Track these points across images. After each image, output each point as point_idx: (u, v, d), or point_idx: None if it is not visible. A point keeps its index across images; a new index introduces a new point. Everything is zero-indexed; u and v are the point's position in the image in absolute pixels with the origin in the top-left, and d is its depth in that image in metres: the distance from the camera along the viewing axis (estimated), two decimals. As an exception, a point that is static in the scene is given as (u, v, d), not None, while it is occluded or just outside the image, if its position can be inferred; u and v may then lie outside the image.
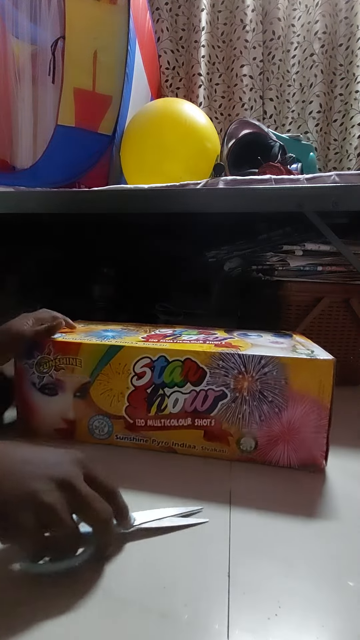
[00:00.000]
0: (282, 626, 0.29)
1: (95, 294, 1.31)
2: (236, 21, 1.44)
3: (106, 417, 0.54)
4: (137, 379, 0.52)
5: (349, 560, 0.36)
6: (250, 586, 0.32)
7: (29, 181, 1.08)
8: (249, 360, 0.49)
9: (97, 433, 0.55)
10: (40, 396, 0.55)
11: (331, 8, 1.39)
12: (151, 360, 0.52)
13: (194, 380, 0.51)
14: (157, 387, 0.52)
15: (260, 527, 0.39)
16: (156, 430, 0.53)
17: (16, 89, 1.18)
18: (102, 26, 1.07)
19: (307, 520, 0.41)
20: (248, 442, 0.51)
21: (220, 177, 0.92)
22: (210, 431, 0.52)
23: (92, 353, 0.53)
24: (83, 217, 0.90)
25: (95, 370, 0.53)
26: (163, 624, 0.29)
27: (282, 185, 0.80)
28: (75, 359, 0.53)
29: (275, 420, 0.50)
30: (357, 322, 0.84)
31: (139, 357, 0.52)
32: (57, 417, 0.55)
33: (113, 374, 0.53)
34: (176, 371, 0.51)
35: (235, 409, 0.51)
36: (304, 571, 0.34)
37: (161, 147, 1.06)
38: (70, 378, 0.54)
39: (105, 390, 0.53)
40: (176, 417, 0.52)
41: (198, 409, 0.51)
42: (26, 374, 0.55)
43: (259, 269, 0.93)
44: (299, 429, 0.50)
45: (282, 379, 0.49)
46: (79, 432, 0.55)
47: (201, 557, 0.35)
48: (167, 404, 0.52)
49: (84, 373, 0.53)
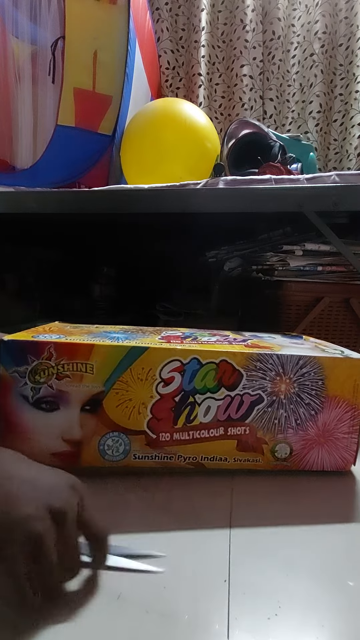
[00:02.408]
0: (282, 626, 0.29)
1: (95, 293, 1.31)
2: (236, 21, 1.44)
3: (122, 434, 0.45)
4: (163, 385, 0.45)
5: (349, 560, 0.36)
6: (250, 586, 0.32)
7: (29, 181, 1.08)
8: (288, 361, 0.46)
9: (110, 454, 0.46)
10: (33, 413, 0.44)
11: (331, 8, 1.39)
12: (182, 363, 0.45)
13: (228, 385, 0.46)
14: (187, 394, 0.45)
15: (260, 527, 0.40)
16: (183, 445, 0.46)
17: (16, 89, 1.19)
18: (102, 26, 1.07)
19: (307, 520, 0.41)
20: (283, 448, 0.48)
21: (220, 177, 0.92)
22: (244, 440, 0.47)
23: (108, 356, 0.44)
24: (83, 217, 0.90)
25: (111, 378, 0.44)
26: (163, 624, 0.29)
27: (282, 185, 0.80)
28: (86, 365, 0.44)
29: (311, 423, 0.47)
30: (357, 322, 0.84)
31: (168, 360, 0.44)
32: (56, 438, 0.45)
33: (134, 381, 0.44)
34: (209, 375, 0.45)
35: (272, 414, 0.47)
36: (304, 571, 0.34)
37: (161, 147, 1.06)
38: (77, 388, 0.44)
39: (123, 401, 0.45)
40: (207, 427, 0.46)
41: (232, 416, 0.46)
42: (13, 386, 0.44)
43: (259, 269, 0.93)
44: (333, 431, 0.48)
45: (319, 380, 0.47)
46: (86, 455, 0.45)
47: (201, 556, 0.35)
48: (197, 413, 0.46)
49: (95, 381, 0.44)
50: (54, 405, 0.44)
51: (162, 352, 0.45)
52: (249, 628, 0.29)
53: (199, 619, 0.29)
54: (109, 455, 0.46)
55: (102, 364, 0.44)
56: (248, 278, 0.99)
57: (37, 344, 0.44)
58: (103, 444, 0.45)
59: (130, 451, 0.46)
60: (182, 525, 0.39)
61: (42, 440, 0.45)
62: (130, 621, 0.29)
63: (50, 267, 1.27)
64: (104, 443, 0.45)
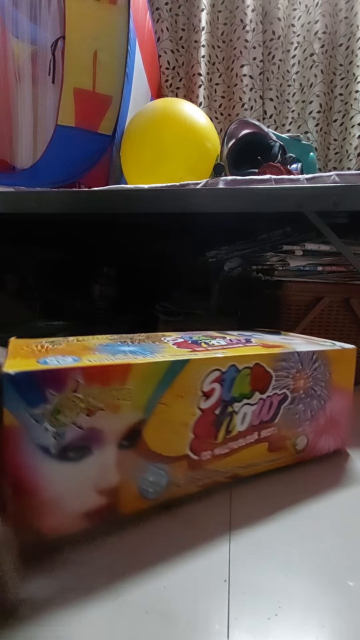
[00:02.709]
0: (282, 626, 0.29)
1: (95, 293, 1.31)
2: (236, 21, 1.44)
3: (164, 464, 0.39)
4: (204, 400, 0.41)
5: (349, 560, 0.36)
6: (250, 586, 0.32)
7: (29, 181, 1.08)
8: (305, 357, 0.48)
9: (151, 492, 0.39)
10: (57, 467, 0.33)
11: (331, 8, 1.39)
12: (221, 372, 0.42)
13: (260, 388, 0.45)
14: (226, 404, 0.43)
15: (260, 527, 0.40)
16: (222, 459, 0.43)
17: (16, 89, 1.19)
18: (102, 26, 1.07)
19: (307, 520, 0.41)
20: (302, 441, 0.50)
21: (220, 177, 0.92)
22: (273, 441, 0.47)
23: (147, 376, 0.37)
24: (83, 217, 0.90)
25: (151, 401, 0.38)
26: (163, 624, 0.29)
27: (282, 185, 0.80)
28: (122, 390, 0.36)
29: (321, 413, 0.51)
30: (357, 322, 0.84)
31: (209, 370, 0.41)
32: (88, 493, 0.35)
33: (174, 400, 0.39)
34: (245, 381, 0.44)
35: (294, 410, 0.48)
36: (304, 571, 0.34)
37: (161, 147, 1.06)
38: (112, 421, 0.36)
39: (164, 425, 0.39)
40: (243, 435, 0.44)
41: (264, 419, 0.46)
42: (26, 436, 0.32)
43: (259, 269, 0.93)
44: (336, 416, 0.52)
45: (327, 372, 0.50)
46: (125, 502, 0.37)
47: (201, 556, 0.35)
48: (235, 423, 0.43)
49: (134, 408, 0.37)
50: (84, 451, 0.35)
51: (203, 363, 0.41)
52: (249, 628, 0.29)
53: (198, 619, 0.29)
54: (150, 494, 0.39)
55: (140, 386, 0.37)
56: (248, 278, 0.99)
57: (60, 372, 0.33)
58: (143, 482, 0.38)
59: (172, 481, 0.40)
60: (182, 525, 0.39)
61: (69, 502, 0.34)
62: (130, 621, 0.29)
63: (50, 267, 1.27)
64: (145, 480, 0.38)
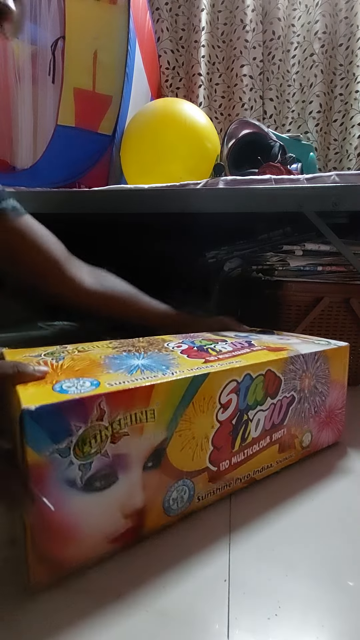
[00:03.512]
0: (282, 626, 0.29)
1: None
2: (236, 21, 1.44)
3: (187, 480, 0.39)
4: (222, 411, 0.41)
5: (349, 560, 0.36)
6: (250, 586, 0.32)
7: (29, 181, 1.08)
8: (309, 359, 0.50)
9: (175, 507, 0.38)
10: (83, 499, 0.31)
11: (331, 8, 1.40)
12: (237, 382, 0.41)
13: (272, 393, 0.46)
14: (242, 413, 0.43)
15: (260, 527, 0.40)
16: (239, 466, 0.44)
17: (16, 89, 1.19)
18: (102, 26, 1.07)
19: (307, 520, 0.41)
20: (307, 437, 0.52)
21: (220, 177, 0.92)
22: (283, 442, 0.48)
23: (170, 394, 0.36)
24: (83, 217, 0.90)
25: (174, 418, 0.37)
26: (163, 624, 0.29)
27: (282, 185, 0.80)
28: (146, 411, 0.34)
29: (322, 408, 0.53)
30: (357, 322, 0.84)
31: (227, 381, 0.41)
32: (115, 519, 0.34)
33: (196, 415, 0.38)
34: (259, 388, 0.44)
35: (300, 409, 0.50)
36: (304, 571, 0.34)
37: (161, 147, 1.06)
38: (137, 444, 0.34)
39: (186, 441, 0.38)
40: (257, 440, 0.45)
41: (275, 422, 0.47)
42: (52, 473, 0.30)
43: (259, 269, 0.93)
44: (334, 410, 0.55)
45: (326, 369, 0.52)
46: (150, 521, 0.36)
47: (201, 556, 0.35)
48: (250, 430, 0.44)
49: (158, 428, 0.35)
50: (110, 478, 0.33)
51: (222, 375, 0.40)
52: (249, 628, 0.29)
53: (198, 619, 0.29)
54: (174, 510, 0.38)
55: (163, 405, 0.36)
56: (248, 278, 0.99)
57: (83, 401, 0.31)
58: (168, 500, 0.37)
59: (195, 495, 0.40)
60: (182, 525, 0.39)
61: (95, 531, 0.33)
62: (130, 621, 0.29)
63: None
64: (169, 498, 0.37)
